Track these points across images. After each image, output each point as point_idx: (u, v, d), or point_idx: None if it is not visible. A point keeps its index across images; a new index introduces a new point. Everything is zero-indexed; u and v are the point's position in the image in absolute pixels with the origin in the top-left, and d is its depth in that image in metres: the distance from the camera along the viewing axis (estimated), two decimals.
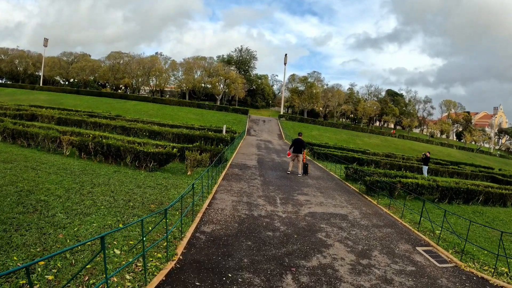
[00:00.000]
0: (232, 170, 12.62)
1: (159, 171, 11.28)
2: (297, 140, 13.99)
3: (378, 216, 8.98)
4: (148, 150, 11.00)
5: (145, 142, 13.57)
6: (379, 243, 6.80)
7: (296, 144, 13.92)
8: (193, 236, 5.67)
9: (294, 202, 8.92)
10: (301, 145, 13.81)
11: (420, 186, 12.83)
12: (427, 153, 21.76)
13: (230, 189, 9.45)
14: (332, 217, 8.07)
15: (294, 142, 14.09)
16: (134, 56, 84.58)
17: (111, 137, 13.74)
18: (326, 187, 11.88)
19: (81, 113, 32.28)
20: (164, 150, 10.77)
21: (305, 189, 10.85)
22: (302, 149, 13.79)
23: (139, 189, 8.61)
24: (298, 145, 13.82)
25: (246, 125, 49.06)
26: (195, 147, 12.65)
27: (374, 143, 53.08)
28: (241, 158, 16.89)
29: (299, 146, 13.80)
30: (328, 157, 20.59)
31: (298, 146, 13.81)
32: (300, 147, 13.79)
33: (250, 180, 11.19)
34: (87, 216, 6.18)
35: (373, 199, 11.20)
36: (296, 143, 13.91)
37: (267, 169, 14.01)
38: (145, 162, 11.22)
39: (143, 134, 21.85)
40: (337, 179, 14.27)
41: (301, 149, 13.77)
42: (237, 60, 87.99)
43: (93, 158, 12.53)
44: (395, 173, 15.16)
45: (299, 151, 13.79)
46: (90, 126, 24.96)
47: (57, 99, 56.56)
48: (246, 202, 8.24)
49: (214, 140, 18.60)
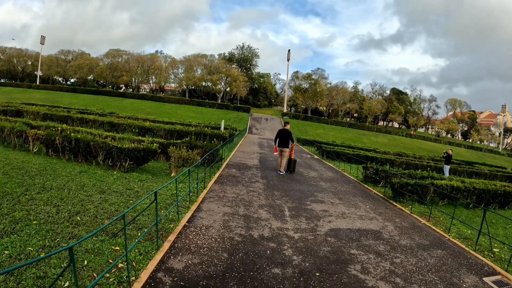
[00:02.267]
0: (229, 171, 10.37)
1: (136, 171, 9.07)
2: (282, 132, 11.31)
3: (419, 231, 6.77)
4: (123, 146, 8.80)
5: (125, 137, 11.36)
6: (437, 276, 4.64)
7: (280, 136, 11.30)
8: (151, 279, 3.44)
9: (309, 214, 6.66)
10: (287, 137, 11.24)
11: (456, 189, 10.65)
12: (449, 150, 19.44)
13: (223, 196, 7.19)
14: (363, 236, 5.83)
15: (278, 134, 11.41)
16: (133, 54, 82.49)
17: (82, 130, 11.54)
18: (344, 192, 9.62)
19: (73, 111, 30.30)
20: (141, 146, 8.57)
21: (319, 195, 8.60)
22: (289, 142, 11.25)
23: (100, 195, 6.44)
24: (284, 137, 11.24)
25: (248, 123, 46.87)
26: (185, 143, 10.42)
27: (381, 142, 50.76)
28: (241, 156, 14.66)
29: (285, 139, 11.22)
30: (338, 156, 18.31)
31: (284, 138, 11.24)
32: (286, 140, 11.22)
33: (249, 183, 8.94)
34: (5, 237, 4.07)
35: (403, 206, 9.03)
36: (281, 135, 11.28)
37: (270, 170, 11.74)
38: (120, 160, 9.02)
39: (133, 131, 19.67)
40: (354, 181, 12.02)
41: (288, 142, 11.23)
42: (239, 57, 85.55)
43: (61, 155, 10.41)
44: (421, 174, 12.89)
45: (285, 144, 11.21)
46: (76, 122, 23.15)
47: (53, 97, 55.21)
48: (243, 216, 5.99)
49: (213, 137, 16.36)
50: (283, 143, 11.25)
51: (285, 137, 11.26)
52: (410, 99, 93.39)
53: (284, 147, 11.24)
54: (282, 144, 11.25)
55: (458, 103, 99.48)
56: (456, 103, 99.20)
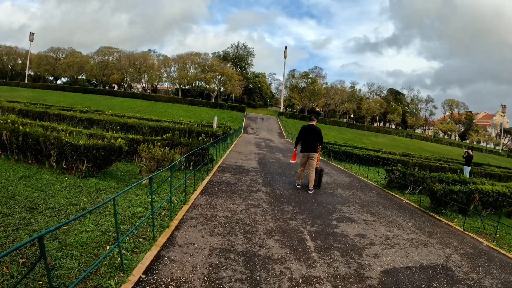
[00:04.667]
0: (221, 176, 8.05)
1: (97, 177, 6.73)
2: (309, 129, 7.76)
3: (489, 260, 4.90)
4: (78, 143, 6.48)
5: (93, 132, 8.96)
6: None
7: (306, 135, 7.74)
8: None
9: (342, 243, 4.39)
10: (316, 138, 7.72)
11: (502, 195, 8.60)
12: (470, 150, 17.38)
13: (211, 216, 4.88)
14: (433, 279, 3.67)
15: (303, 133, 7.82)
16: (125, 52, 79.60)
17: (34, 124, 9.17)
18: (371, 202, 7.40)
19: (53, 108, 27.82)
20: (101, 143, 6.25)
21: (344, 208, 6.36)
22: (316, 145, 7.75)
23: (26, 214, 4.20)
24: (311, 136, 7.69)
25: (243, 122, 44.61)
26: (165, 140, 8.09)
27: (382, 142, 48.82)
28: (236, 157, 12.38)
29: (313, 139, 7.68)
30: (347, 156, 16.13)
31: (311, 139, 7.68)
32: (315, 141, 7.71)
33: (249, 193, 6.64)
34: None
35: (447, 219, 7.02)
36: (307, 134, 7.73)
37: (274, 174, 9.43)
38: (75, 161, 6.69)
39: (113, 128, 17.28)
40: (375, 187, 9.82)
41: (316, 145, 7.73)
42: (234, 56, 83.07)
43: (10, 155, 8.14)
44: (453, 177, 10.74)
45: (312, 148, 7.63)
46: (53, 119, 20.88)
47: (41, 96, 52.88)
48: (242, 254, 3.67)
49: (200, 133, 14.01)
50: (309, 145, 7.67)
51: (313, 136, 7.68)
52: (407, 99, 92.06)
53: (311, 152, 7.64)
54: (308, 148, 7.66)
55: (456, 103, 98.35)
56: (454, 103, 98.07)
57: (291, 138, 34.63)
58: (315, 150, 7.68)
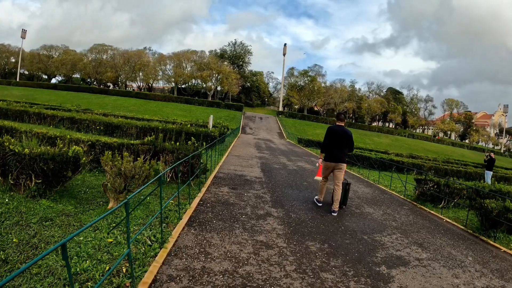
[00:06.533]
0: (217, 192, 6.30)
1: (51, 196, 4.97)
2: (338, 132, 5.86)
3: None
4: (23, 151, 4.74)
5: (52, 135, 7.19)
6: None
7: (335, 139, 5.81)
8: None
9: None
10: (347, 143, 5.86)
11: None
12: (491, 153, 15.80)
13: (201, 270, 3.11)
14: None
15: (331, 135, 5.87)
16: (120, 50, 77.41)
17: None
18: (411, 226, 5.70)
19: (37, 106, 25.96)
20: (51, 151, 4.51)
21: (385, 239, 4.66)
22: (346, 152, 5.93)
23: None
24: (341, 142, 5.81)
25: (240, 122, 42.89)
26: (145, 145, 6.34)
27: (385, 142, 47.30)
28: (235, 163, 10.65)
29: (343, 145, 5.85)
30: (358, 160, 14.49)
31: (341, 144, 5.82)
32: (344, 147, 5.87)
33: (255, 220, 4.89)
34: None
35: (504, 245, 5.48)
36: (337, 137, 5.81)
37: (283, 187, 7.67)
38: (21, 176, 4.95)
39: (98, 129, 15.52)
40: (403, 200, 8.16)
41: (345, 152, 5.91)
42: (231, 54, 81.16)
43: None
44: (489, 186, 9.12)
45: (341, 158, 5.83)
46: (33, 118, 19.17)
47: (31, 94, 51.21)
48: None
49: (190, 136, 12.24)
50: (338, 153, 5.83)
51: (343, 142, 5.84)
52: (407, 99, 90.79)
53: (340, 162, 5.84)
54: (336, 156, 5.83)
55: (455, 103, 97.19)
56: (453, 103, 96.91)
57: (292, 139, 32.93)
58: (344, 159, 5.90)
